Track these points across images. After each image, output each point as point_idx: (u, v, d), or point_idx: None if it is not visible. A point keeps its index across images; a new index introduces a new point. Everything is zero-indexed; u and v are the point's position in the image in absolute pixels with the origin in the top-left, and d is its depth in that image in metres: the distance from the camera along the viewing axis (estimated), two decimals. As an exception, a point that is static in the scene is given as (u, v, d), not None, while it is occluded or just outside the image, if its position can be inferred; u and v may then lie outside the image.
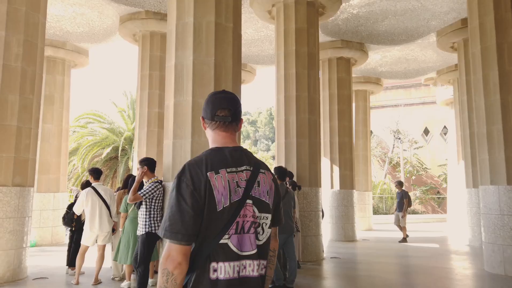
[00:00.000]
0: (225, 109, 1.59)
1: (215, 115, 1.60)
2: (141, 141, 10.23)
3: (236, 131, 1.64)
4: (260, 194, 1.55)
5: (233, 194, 1.49)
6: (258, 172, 1.57)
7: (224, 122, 1.59)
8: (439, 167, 24.06)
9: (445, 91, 16.78)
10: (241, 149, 1.60)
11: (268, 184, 1.59)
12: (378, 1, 9.97)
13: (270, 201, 1.58)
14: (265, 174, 1.59)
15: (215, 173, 1.49)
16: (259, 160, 1.65)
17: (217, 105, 1.61)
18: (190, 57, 4.75)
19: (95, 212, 5.87)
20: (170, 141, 4.86)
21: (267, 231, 1.57)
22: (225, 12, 4.87)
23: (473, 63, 7.09)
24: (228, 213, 1.47)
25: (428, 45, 12.59)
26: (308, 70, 8.15)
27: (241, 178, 1.52)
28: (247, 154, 1.60)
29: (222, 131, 1.61)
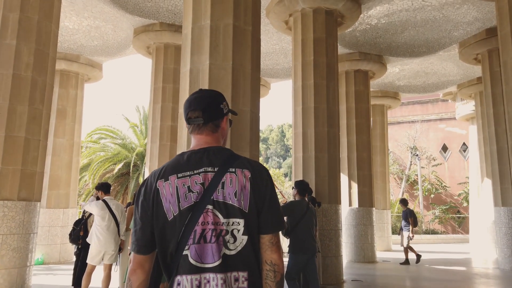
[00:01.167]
0: (196, 110, 1.49)
1: (188, 119, 1.51)
2: (152, 156, 9.94)
3: (215, 131, 1.51)
4: (225, 197, 1.37)
5: (182, 200, 1.37)
6: (225, 172, 1.40)
7: (197, 125, 1.49)
8: (459, 185, 23.24)
9: (466, 106, 16.23)
10: (206, 150, 1.46)
11: (237, 184, 1.39)
12: (397, 12, 9.67)
13: (242, 204, 1.38)
14: (235, 174, 1.40)
15: (164, 180, 1.40)
16: (236, 157, 1.46)
17: (188, 107, 1.52)
18: (206, 62, 4.44)
19: (103, 226, 5.51)
20: (183, 152, 4.50)
21: (241, 238, 1.37)
22: (244, 14, 4.58)
23: (505, 72, 6.66)
24: (180, 221, 1.35)
25: (448, 57, 12.18)
26: (327, 81, 7.80)
27: (196, 182, 1.38)
28: (216, 154, 1.44)
29: (196, 134, 1.52)
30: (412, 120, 24.66)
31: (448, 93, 17.12)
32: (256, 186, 1.41)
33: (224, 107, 1.54)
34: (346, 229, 11.04)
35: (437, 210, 23.18)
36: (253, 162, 1.48)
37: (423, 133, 24.05)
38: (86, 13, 9.98)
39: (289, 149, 50.65)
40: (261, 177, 1.44)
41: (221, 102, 1.54)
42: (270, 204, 1.43)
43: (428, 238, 18.81)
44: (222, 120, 1.53)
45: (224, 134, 1.57)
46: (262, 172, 1.45)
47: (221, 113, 1.52)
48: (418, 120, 24.39)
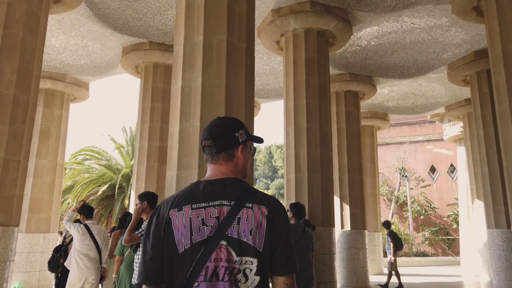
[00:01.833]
0: (208, 139, 1.48)
1: (202, 147, 1.51)
2: (139, 177, 9.61)
3: (229, 161, 1.47)
4: (239, 234, 1.32)
5: (195, 233, 1.31)
6: (241, 207, 1.34)
7: (210, 154, 1.48)
8: (448, 206, 23.25)
9: (453, 127, 16.37)
10: (222, 181, 1.41)
11: (254, 221, 1.33)
12: (387, 33, 9.74)
13: (256, 242, 1.32)
14: (251, 209, 1.34)
15: (178, 210, 1.35)
16: (252, 192, 1.40)
17: (202, 136, 1.51)
18: (198, 79, 4.26)
19: (83, 252, 5.14)
20: (173, 173, 4.26)
21: (252, 278, 1.31)
22: (238, 31, 4.44)
23: (497, 92, 6.65)
24: (191, 255, 1.30)
25: (436, 79, 12.30)
26: (319, 101, 7.70)
27: (210, 215, 1.34)
28: (232, 187, 1.40)
29: (210, 163, 1.49)
30: (400, 141, 24.82)
31: (435, 115, 17.28)
32: (272, 225, 1.35)
33: (241, 136, 1.49)
34: (339, 252, 10.76)
35: (427, 232, 23.06)
36: (270, 198, 1.42)
37: (411, 154, 24.18)
38: (74, 31, 9.80)
39: (276, 170, 50.42)
40: (278, 215, 1.38)
41: (237, 130, 1.49)
42: (285, 244, 1.36)
43: (419, 261, 18.58)
44: (236, 149, 1.48)
45: (241, 163, 1.51)
46: (278, 210, 1.39)
47: (235, 142, 1.47)
48: (406, 141, 24.56)
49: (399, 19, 9.05)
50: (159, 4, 8.79)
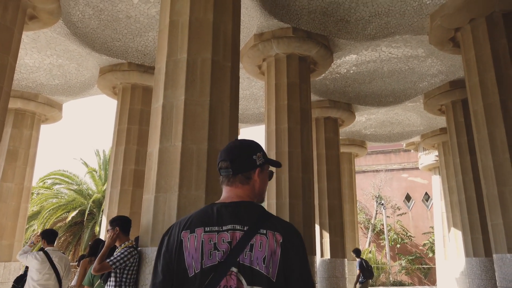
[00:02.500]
0: (225, 161, 1.45)
1: (219, 169, 1.49)
2: (112, 202, 9.17)
3: (245, 184, 1.44)
4: (252, 261, 1.26)
5: (206, 258, 1.28)
6: (255, 232, 1.29)
7: (227, 176, 1.45)
8: (424, 235, 23.41)
9: (428, 156, 16.69)
10: (237, 205, 1.37)
11: (268, 249, 1.27)
12: (365, 62, 9.93)
13: (270, 272, 1.26)
14: (265, 236, 1.29)
15: (190, 232, 1.32)
16: (267, 217, 1.35)
17: (219, 157, 1.49)
18: (181, 97, 4.08)
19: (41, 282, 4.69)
20: (151, 196, 3.99)
21: None
22: (223, 50, 4.33)
23: (475, 120, 6.76)
24: (200, 280, 1.26)
25: (412, 108, 12.57)
26: (301, 126, 7.64)
27: (223, 239, 1.30)
28: (247, 211, 1.36)
29: (226, 185, 1.46)
30: (376, 169, 25.11)
31: (410, 144, 17.61)
32: (287, 253, 1.29)
33: (258, 159, 1.46)
34: (318, 282, 10.47)
35: (403, 260, 23.03)
36: (285, 224, 1.37)
37: (387, 182, 24.45)
38: (49, 50, 9.51)
39: None
40: (293, 243, 1.32)
41: (254, 153, 1.46)
42: (301, 273, 1.30)
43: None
44: (253, 172, 1.45)
45: (258, 187, 1.47)
46: (294, 237, 1.34)
47: (252, 165, 1.45)
48: (382, 170, 24.87)
49: (378, 48, 9.26)
50: (139, 25, 8.67)
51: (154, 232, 3.83)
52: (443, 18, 7.11)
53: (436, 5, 7.19)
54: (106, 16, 8.34)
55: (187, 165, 3.89)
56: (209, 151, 3.97)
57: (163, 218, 3.83)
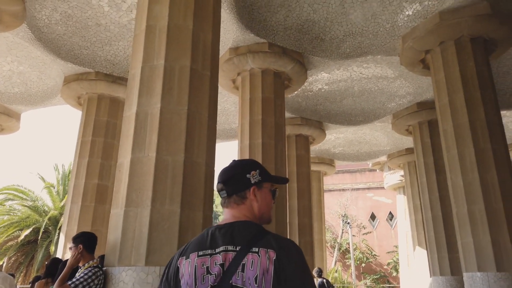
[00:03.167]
0: (220, 183, 1.45)
1: (218, 192, 1.47)
2: (72, 218, 8.58)
3: (240, 203, 1.40)
4: (244, 282, 1.23)
5: (199, 282, 1.27)
6: (247, 252, 1.26)
7: (224, 198, 1.44)
8: (388, 254, 23.75)
9: (393, 175, 17.07)
10: (231, 226, 1.35)
11: (259, 267, 1.23)
12: (337, 81, 10.06)
13: None
14: (257, 254, 1.25)
15: (186, 258, 1.34)
16: (262, 235, 1.30)
17: (217, 180, 1.49)
18: (157, 105, 3.84)
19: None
20: (120, 211, 3.68)
21: None
22: (202, 58, 4.16)
23: (445, 140, 6.92)
24: None
25: (380, 128, 12.84)
26: (275, 141, 7.53)
27: (216, 262, 1.28)
28: (240, 230, 1.33)
29: (223, 207, 1.44)
30: (342, 188, 25.42)
31: (376, 163, 17.98)
32: (281, 270, 1.22)
33: (253, 177, 1.42)
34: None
35: (368, 280, 23.19)
36: (281, 240, 1.29)
37: (353, 201, 24.77)
38: (10, 57, 8.97)
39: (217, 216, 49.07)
40: (289, 259, 1.24)
41: (248, 172, 1.43)
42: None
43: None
44: (248, 190, 1.41)
45: (257, 206, 1.41)
46: (290, 252, 1.26)
47: (247, 184, 1.41)
48: (348, 189, 25.21)
49: (349, 68, 9.41)
50: (109, 33, 8.36)
51: (122, 250, 3.51)
52: (414, 40, 7.32)
53: (408, 27, 7.40)
54: (75, 22, 7.98)
55: (162, 178, 3.63)
56: (185, 163, 3.73)
57: (133, 235, 3.52)
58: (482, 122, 6.47)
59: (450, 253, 9.47)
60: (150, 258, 3.38)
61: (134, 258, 3.41)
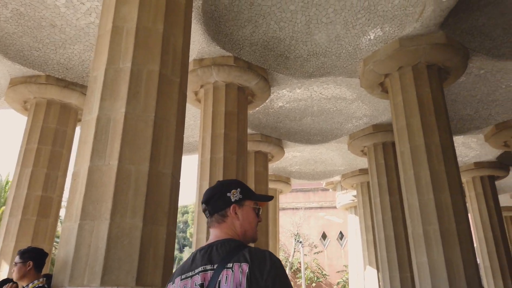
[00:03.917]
0: (203, 204, 1.50)
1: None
2: (8, 233, 7.80)
3: (221, 222, 1.44)
4: None
5: None
6: (223, 268, 1.29)
7: (207, 217, 1.50)
8: (338, 273, 24.07)
9: (346, 195, 17.46)
10: (211, 245, 1.39)
11: (233, 282, 1.25)
12: (297, 100, 10.18)
13: None
14: (231, 270, 1.28)
15: (172, 283, 1.38)
16: (237, 250, 1.33)
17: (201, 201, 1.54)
18: (121, 110, 3.57)
19: None
20: (73, 224, 3.32)
21: None
22: (172, 63, 3.96)
23: (402, 161, 7.14)
24: None
25: (335, 148, 13.12)
26: (237, 156, 7.38)
27: (195, 283, 1.31)
28: (218, 249, 1.37)
29: (208, 227, 1.50)
30: (295, 207, 25.62)
31: (330, 183, 18.34)
32: (253, 282, 1.24)
33: (233, 195, 1.46)
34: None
35: (318, 299, 23.29)
36: (255, 253, 1.31)
37: (305, 220, 25.00)
38: None
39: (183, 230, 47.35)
40: (261, 270, 1.26)
41: (229, 190, 1.46)
42: None
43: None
44: (229, 209, 1.44)
45: (239, 224, 1.44)
46: (263, 264, 1.27)
47: (227, 202, 1.44)
48: (301, 207, 25.45)
49: (310, 88, 9.56)
50: (65, 36, 7.88)
51: (74, 268, 3.14)
52: (375, 64, 7.58)
53: (369, 51, 7.66)
54: (27, 21, 7.44)
55: (123, 189, 3.34)
56: (150, 173, 3.46)
57: (88, 251, 3.17)
58: (437, 145, 6.75)
59: (401, 273, 9.70)
60: (107, 278, 3.05)
61: (88, 278, 3.06)
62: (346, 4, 7.03)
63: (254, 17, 7.30)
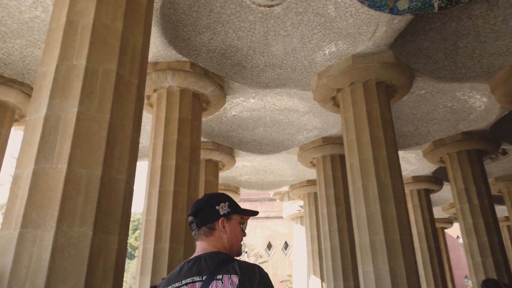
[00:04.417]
0: (190, 216, 1.53)
1: (189, 225, 1.53)
2: None
3: (209, 235, 1.47)
4: None
5: None
6: (212, 280, 1.33)
7: (193, 230, 1.52)
8: (281, 283, 24.26)
9: (292, 206, 17.74)
10: (199, 258, 1.42)
11: None
12: (251, 110, 10.22)
13: None
14: (221, 281, 1.32)
15: None
16: (226, 263, 1.37)
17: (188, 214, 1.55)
18: (73, 109, 3.32)
19: None
20: (13, 232, 3.01)
21: None
22: (131, 64, 3.78)
23: (352, 173, 7.38)
24: None
25: (284, 159, 13.33)
26: (189, 163, 7.20)
27: None
28: (207, 261, 1.40)
29: (195, 240, 1.52)
30: (242, 217, 25.54)
31: (277, 193, 18.56)
32: None
33: (222, 208, 1.48)
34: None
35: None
36: (244, 266, 1.36)
37: (252, 230, 25.00)
38: None
39: None
40: (251, 283, 1.32)
41: (217, 204, 1.48)
42: None
43: None
44: (217, 222, 1.46)
45: (227, 238, 1.46)
46: (252, 277, 1.33)
47: (215, 215, 1.46)
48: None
49: (264, 98, 9.65)
50: (5, 29, 7.29)
51: (12, 282, 2.83)
52: (328, 78, 7.82)
53: (323, 65, 7.90)
54: (-39, 8, 6.78)
55: (72, 194, 3.09)
56: (103, 178, 3.24)
57: (29, 262, 2.88)
58: (384, 159, 7.07)
59: (345, 282, 9.98)
60: (50, 291, 2.78)
61: (28, 292, 2.77)
62: (303, 18, 7.21)
63: (213, 24, 7.24)
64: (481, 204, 10.22)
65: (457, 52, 8.00)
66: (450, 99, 9.68)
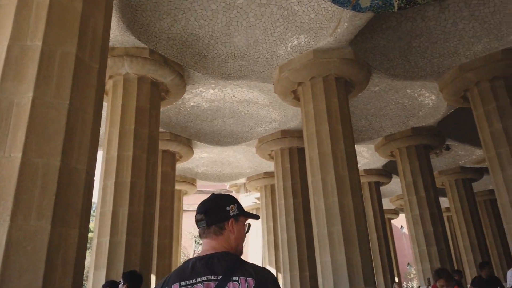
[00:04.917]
0: (199, 214, 1.54)
1: (196, 223, 1.55)
2: None
3: (219, 234, 1.51)
4: None
5: None
6: (228, 280, 1.37)
7: (202, 228, 1.53)
8: (235, 274, 24.39)
9: (249, 197, 17.83)
10: (211, 257, 1.45)
11: None
12: (210, 101, 10.09)
13: None
14: (238, 283, 1.36)
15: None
16: (240, 264, 1.42)
17: (196, 211, 1.56)
18: (28, 94, 3.07)
19: None
20: (-42, 227, 2.75)
21: None
22: (91, 47, 3.55)
23: (311, 166, 7.53)
24: None
25: (242, 151, 13.32)
26: (147, 154, 6.97)
27: None
28: (220, 261, 1.44)
29: (203, 238, 1.54)
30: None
31: (234, 185, 18.54)
32: None
33: (232, 210, 1.53)
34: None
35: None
36: (259, 270, 1.43)
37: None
38: None
39: None
40: (265, 286, 1.38)
41: (228, 205, 1.53)
42: None
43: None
44: (227, 222, 1.51)
45: (234, 238, 1.53)
46: (267, 281, 1.39)
47: (226, 216, 1.51)
48: (203, 210, 25.21)
49: (224, 89, 9.55)
50: None
51: (-42, 280, 2.58)
52: (289, 72, 7.88)
53: (285, 59, 7.94)
54: None
55: (28, 186, 2.86)
56: (61, 168, 3.04)
57: (-22, 259, 2.64)
58: (342, 152, 7.28)
59: (301, 272, 10.21)
60: (3, 290, 2.57)
61: (-23, 291, 2.55)
62: (266, 10, 7.18)
63: (174, 10, 7.02)
64: (427, 196, 10.86)
65: (410, 51, 8.37)
66: (402, 96, 10.14)
